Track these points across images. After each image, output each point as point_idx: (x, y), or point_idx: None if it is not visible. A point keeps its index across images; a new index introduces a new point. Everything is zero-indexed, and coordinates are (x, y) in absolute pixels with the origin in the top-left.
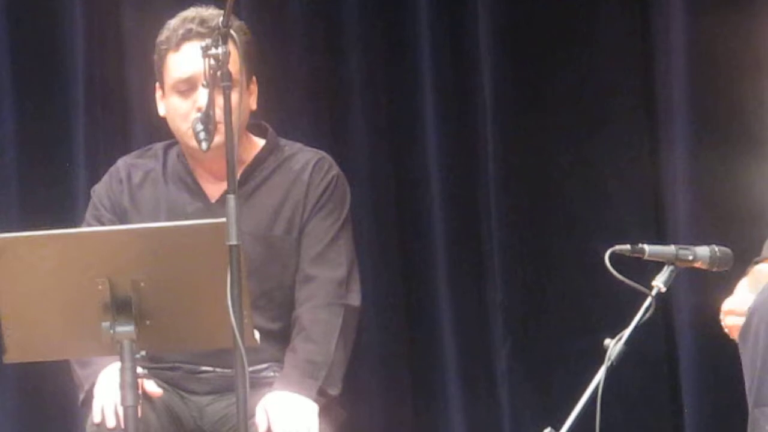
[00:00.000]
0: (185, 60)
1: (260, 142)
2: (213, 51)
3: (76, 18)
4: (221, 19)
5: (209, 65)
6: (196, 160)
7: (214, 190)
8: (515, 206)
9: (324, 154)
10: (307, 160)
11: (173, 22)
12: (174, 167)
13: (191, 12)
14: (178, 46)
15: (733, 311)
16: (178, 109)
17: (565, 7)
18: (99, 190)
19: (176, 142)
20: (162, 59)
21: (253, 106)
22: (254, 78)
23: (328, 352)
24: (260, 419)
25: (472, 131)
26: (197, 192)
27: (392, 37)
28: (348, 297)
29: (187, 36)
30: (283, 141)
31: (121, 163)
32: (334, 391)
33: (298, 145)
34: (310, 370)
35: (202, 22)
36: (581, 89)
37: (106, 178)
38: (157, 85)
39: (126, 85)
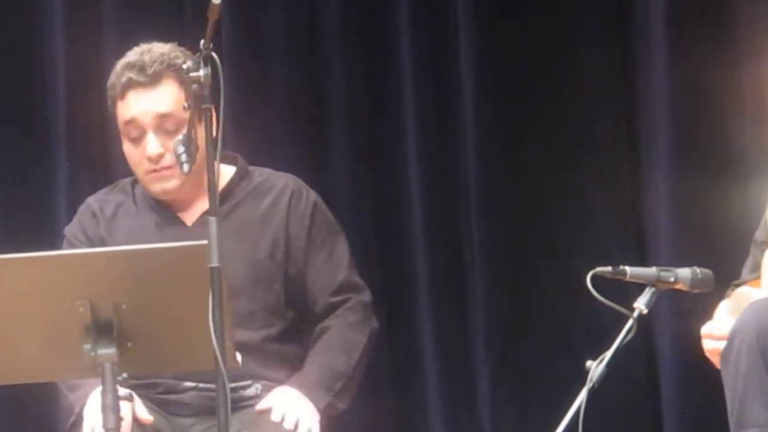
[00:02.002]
0: (131, 109)
1: (230, 170)
2: (194, 74)
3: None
4: (171, 58)
5: (190, 88)
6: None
7: (189, 215)
8: (497, 228)
9: (294, 178)
10: (281, 189)
11: (118, 67)
12: (144, 198)
13: (134, 56)
14: (122, 95)
15: (712, 335)
16: (132, 156)
17: (548, 30)
18: (72, 228)
19: None
20: (113, 104)
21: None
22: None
23: (350, 366)
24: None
25: (454, 154)
26: (172, 219)
27: (373, 59)
28: (373, 320)
29: (129, 85)
30: (251, 167)
31: (91, 199)
32: (342, 405)
33: (267, 170)
34: (327, 379)
35: (141, 70)
36: (563, 112)
37: (77, 216)
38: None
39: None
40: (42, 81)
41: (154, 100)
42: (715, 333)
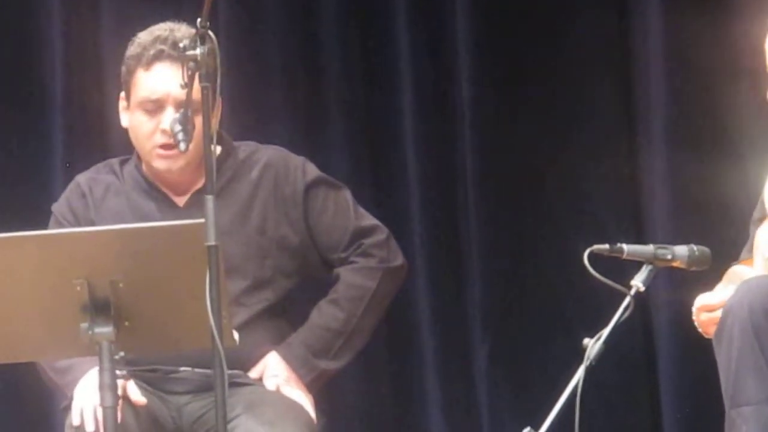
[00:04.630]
0: (156, 80)
1: (216, 148)
2: (191, 52)
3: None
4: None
5: (187, 66)
6: (159, 177)
7: (180, 197)
8: (494, 206)
9: (278, 148)
10: (266, 161)
11: (144, 38)
12: (134, 180)
13: (163, 31)
14: (149, 65)
15: (706, 307)
16: (143, 128)
17: (544, 10)
18: (60, 207)
19: (130, 158)
20: (131, 74)
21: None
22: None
23: (350, 321)
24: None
25: (451, 131)
26: (163, 200)
27: (370, 40)
28: (390, 259)
29: (159, 56)
30: (236, 143)
31: (81, 178)
32: (340, 363)
33: (252, 143)
34: (320, 345)
35: (174, 45)
36: (560, 89)
37: (66, 194)
38: (122, 95)
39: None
40: (39, 53)
41: (181, 77)
42: (710, 305)
